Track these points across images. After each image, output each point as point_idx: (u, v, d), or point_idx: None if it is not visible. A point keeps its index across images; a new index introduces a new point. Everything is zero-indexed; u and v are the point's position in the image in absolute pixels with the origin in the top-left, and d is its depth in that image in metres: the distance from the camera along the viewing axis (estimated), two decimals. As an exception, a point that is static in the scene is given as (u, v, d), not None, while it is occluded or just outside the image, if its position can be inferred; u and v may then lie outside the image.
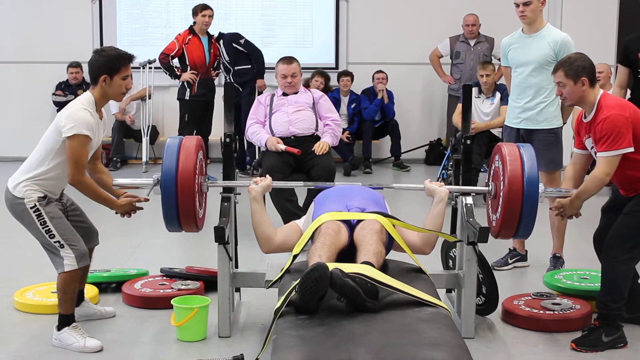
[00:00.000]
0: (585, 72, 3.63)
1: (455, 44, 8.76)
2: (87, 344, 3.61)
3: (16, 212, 3.63)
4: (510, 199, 3.52)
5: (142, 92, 8.95)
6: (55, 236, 3.58)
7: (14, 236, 5.86)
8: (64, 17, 9.43)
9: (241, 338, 3.76)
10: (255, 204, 3.74)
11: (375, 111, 9.03)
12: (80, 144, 3.51)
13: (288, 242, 3.75)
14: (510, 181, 3.52)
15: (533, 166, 3.56)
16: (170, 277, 4.45)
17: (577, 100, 3.68)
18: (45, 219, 3.57)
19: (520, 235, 3.72)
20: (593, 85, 3.65)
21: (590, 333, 3.65)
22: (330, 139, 5.66)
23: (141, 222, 6.22)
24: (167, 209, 3.56)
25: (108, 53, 3.63)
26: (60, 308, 3.67)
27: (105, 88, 3.61)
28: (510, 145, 3.72)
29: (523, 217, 3.55)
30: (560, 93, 3.71)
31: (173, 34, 8.26)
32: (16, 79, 9.58)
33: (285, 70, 5.70)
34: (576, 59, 3.68)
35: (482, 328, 3.88)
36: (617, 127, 3.52)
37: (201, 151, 3.72)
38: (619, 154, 3.53)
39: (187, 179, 3.53)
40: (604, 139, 3.54)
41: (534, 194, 3.52)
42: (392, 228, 3.58)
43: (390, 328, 2.88)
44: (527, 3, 4.63)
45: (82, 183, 3.56)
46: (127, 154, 9.37)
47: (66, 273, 3.60)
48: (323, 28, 9.63)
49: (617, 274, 3.63)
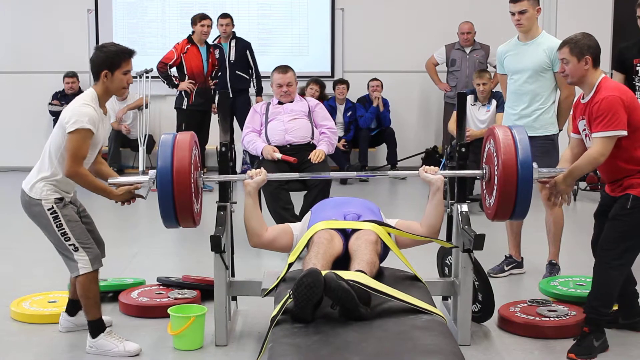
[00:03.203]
0: (589, 51, 3.63)
1: (450, 51, 8.80)
2: (127, 348, 3.63)
3: (33, 214, 3.64)
4: (505, 181, 3.52)
5: (139, 101, 8.96)
6: (70, 239, 3.59)
7: (11, 246, 5.90)
8: (60, 28, 9.46)
9: (238, 347, 3.77)
10: (249, 198, 3.77)
11: (371, 119, 9.05)
12: (81, 137, 3.52)
13: (277, 241, 3.80)
14: (504, 164, 3.52)
15: (526, 148, 3.56)
16: (167, 286, 4.45)
17: (578, 78, 3.68)
18: (61, 221, 3.58)
19: (516, 217, 3.71)
20: (596, 67, 3.65)
21: (583, 340, 3.66)
22: (326, 147, 5.68)
23: (138, 231, 6.23)
24: (163, 205, 3.55)
25: (109, 49, 3.67)
26: (87, 314, 3.67)
27: (107, 83, 3.64)
28: (503, 127, 3.73)
29: (518, 198, 3.54)
30: (563, 70, 3.71)
31: (169, 43, 8.29)
32: (12, 89, 9.60)
33: (280, 79, 5.72)
34: (582, 37, 3.68)
35: (478, 335, 3.88)
36: (614, 108, 3.51)
37: (195, 146, 3.74)
38: (614, 135, 3.52)
39: (183, 174, 3.52)
40: (600, 119, 3.53)
41: (528, 175, 3.52)
42: (388, 237, 3.59)
43: (385, 336, 2.89)
44: (523, 11, 4.66)
45: (78, 174, 3.55)
46: (124, 164, 9.39)
47: (82, 276, 3.61)
48: (319, 36, 9.67)
49: (608, 279, 3.64)
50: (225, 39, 8.37)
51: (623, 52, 4.79)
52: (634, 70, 4.67)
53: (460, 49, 8.77)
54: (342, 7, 9.60)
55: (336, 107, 9.02)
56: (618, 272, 3.64)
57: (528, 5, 4.66)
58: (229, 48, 8.35)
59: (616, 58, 4.81)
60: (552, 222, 4.77)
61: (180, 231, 3.83)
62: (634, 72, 4.67)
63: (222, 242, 3.65)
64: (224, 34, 8.34)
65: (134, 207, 7.36)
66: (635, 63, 4.67)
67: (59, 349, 3.76)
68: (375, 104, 9.01)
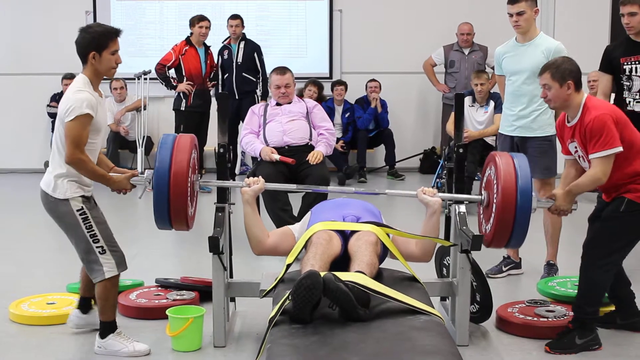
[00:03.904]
0: (571, 75, 3.64)
1: (449, 52, 8.81)
2: (136, 348, 3.62)
3: (59, 215, 3.54)
4: (504, 209, 3.51)
5: (138, 103, 8.96)
6: (99, 241, 3.53)
7: (10, 247, 5.90)
8: (58, 29, 9.45)
9: (236, 348, 3.77)
10: (248, 207, 3.77)
11: (369, 120, 9.06)
12: (80, 123, 3.44)
13: (280, 246, 3.80)
14: (503, 192, 3.51)
15: (527, 177, 3.54)
16: (166, 287, 4.45)
17: (561, 103, 3.69)
18: (91, 222, 3.52)
19: (512, 246, 3.74)
20: (578, 90, 3.67)
21: (564, 336, 3.68)
22: (324, 149, 5.68)
23: (137, 233, 6.23)
24: (158, 206, 3.52)
25: (94, 30, 3.62)
26: (102, 315, 3.64)
27: (95, 65, 3.58)
28: (504, 154, 3.72)
29: (515, 228, 3.54)
30: (545, 95, 3.72)
31: (167, 45, 8.29)
32: (11, 90, 9.59)
33: (279, 80, 5.72)
34: (563, 61, 3.70)
35: (476, 336, 3.89)
36: (607, 126, 3.53)
37: (194, 150, 3.70)
38: (612, 152, 3.53)
39: (181, 178, 3.50)
40: (595, 139, 3.55)
41: (527, 206, 3.51)
42: (387, 238, 3.59)
43: (384, 336, 2.89)
44: (520, 13, 4.68)
45: (81, 161, 3.44)
46: (122, 165, 9.36)
47: (107, 280, 3.56)
48: (317, 38, 9.68)
49: (594, 278, 3.66)
50: (234, 40, 8.34)
51: (609, 52, 4.79)
52: (621, 69, 4.67)
53: (459, 50, 8.77)
54: (340, 8, 9.60)
55: (334, 108, 9.02)
56: (603, 272, 3.66)
57: (526, 7, 4.68)
58: (237, 49, 8.31)
59: (603, 59, 4.80)
60: (550, 223, 4.78)
61: (178, 233, 3.83)
62: (621, 71, 4.67)
63: (220, 243, 3.65)
64: (234, 35, 8.31)
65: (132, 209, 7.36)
66: (622, 62, 4.67)
67: (58, 351, 3.75)
68: (373, 105, 9.01)
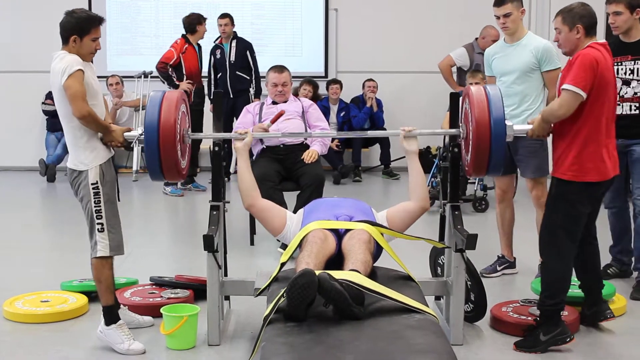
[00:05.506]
0: (582, 20, 3.64)
1: (472, 54, 8.64)
2: (131, 347, 3.65)
3: (77, 186, 3.64)
4: (479, 138, 3.58)
5: (136, 101, 8.96)
6: (101, 218, 3.62)
7: (6, 246, 5.89)
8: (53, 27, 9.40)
9: (230, 346, 3.77)
10: (241, 160, 3.94)
11: (365, 119, 9.06)
12: (75, 79, 3.51)
13: (269, 214, 3.90)
14: (477, 122, 3.58)
15: (499, 106, 3.59)
16: (160, 285, 4.45)
17: (571, 47, 3.68)
18: (100, 198, 3.61)
19: (491, 172, 3.73)
20: (589, 36, 3.66)
21: (530, 334, 3.71)
22: (320, 148, 5.69)
23: (131, 232, 6.22)
24: (149, 155, 3.61)
25: (79, 15, 3.69)
26: (101, 299, 3.72)
27: (76, 48, 3.64)
28: (477, 87, 3.76)
29: (492, 154, 3.59)
30: (557, 39, 3.74)
31: (162, 43, 8.28)
32: (6, 88, 9.57)
33: (276, 79, 5.73)
34: (577, 6, 3.70)
35: (470, 335, 3.90)
36: (584, 67, 3.52)
37: (184, 104, 3.77)
38: (575, 93, 3.51)
39: (168, 127, 3.57)
40: (573, 73, 3.54)
41: (501, 132, 3.57)
42: (380, 237, 3.60)
43: (378, 335, 2.89)
44: (507, 14, 4.73)
45: (90, 114, 3.53)
46: (118, 163, 9.36)
47: (97, 259, 3.64)
48: (312, 37, 9.68)
49: (548, 270, 3.71)
50: (226, 39, 8.31)
51: None
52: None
53: (481, 53, 8.65)
54: (335, 7, 9.60)
55: (329, 107, 9.03)
56: (556, 260, 3.68)
57: (512, 8, 4.72)
58: (229, 48, 8.29)
59: None
60: None
61: (173, 231, 3.84)
62: None
63: (214, 241, 3.66)
64: (224, 34, 8.27)
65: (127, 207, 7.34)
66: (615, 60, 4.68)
67: (52, 349, 3.75)
68: (369, 104, 9.02)
